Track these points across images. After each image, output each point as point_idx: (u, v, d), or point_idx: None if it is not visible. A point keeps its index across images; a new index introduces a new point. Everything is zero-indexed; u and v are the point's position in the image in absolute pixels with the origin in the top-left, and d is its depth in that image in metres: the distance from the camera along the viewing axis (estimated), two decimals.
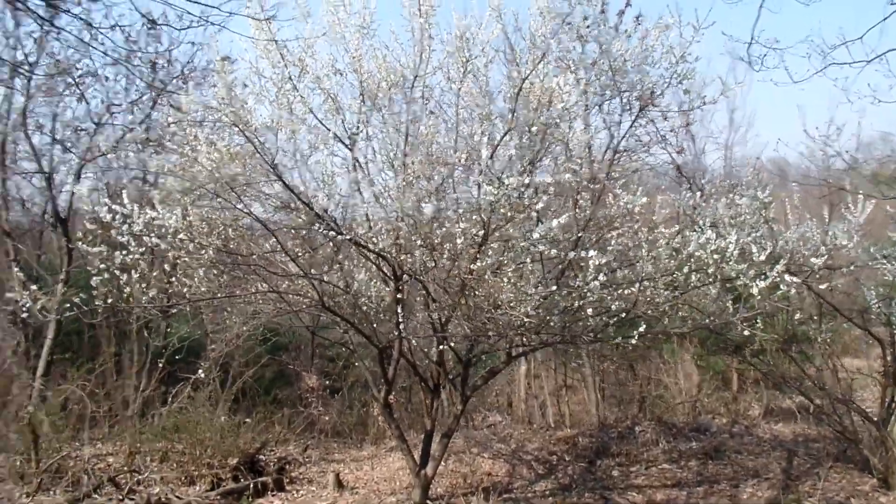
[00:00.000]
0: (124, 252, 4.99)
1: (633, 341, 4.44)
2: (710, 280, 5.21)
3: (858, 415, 7.43)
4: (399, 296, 5.34)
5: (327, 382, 11.00)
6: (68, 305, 4.98)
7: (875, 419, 7.16)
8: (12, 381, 7.35)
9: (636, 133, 6.71)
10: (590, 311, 4.57)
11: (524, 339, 5.32)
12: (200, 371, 6.82)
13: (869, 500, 6.53)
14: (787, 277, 4.52)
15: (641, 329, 4.46)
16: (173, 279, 5.64)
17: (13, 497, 6.38)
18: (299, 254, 5.62)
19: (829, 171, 7.93)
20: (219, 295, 5.75)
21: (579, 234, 5.11)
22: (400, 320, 5.26)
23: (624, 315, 4.84)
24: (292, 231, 5.68)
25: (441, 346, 5.64)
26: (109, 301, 4.82)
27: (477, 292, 4.63)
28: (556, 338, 5.24)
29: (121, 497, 6.57)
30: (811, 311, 8.34)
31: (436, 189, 5.33)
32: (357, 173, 5.81)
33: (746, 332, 5.24)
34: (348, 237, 4.93)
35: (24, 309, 4.92)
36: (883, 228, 8.73)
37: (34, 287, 4.92)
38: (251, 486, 6.72)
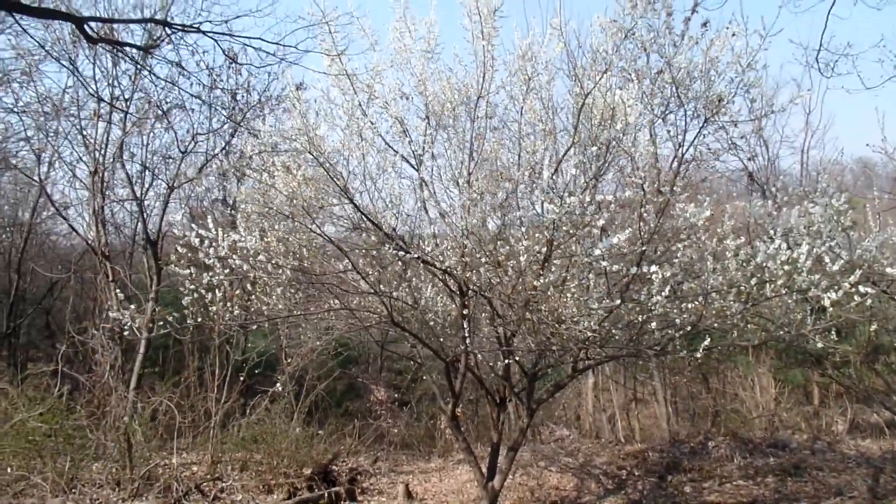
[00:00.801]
0: (210, 273, 5.37)
1: (698, 354, 4.41)
2: (782, 292, 5.11)
3: None
4: (465, 311, 5.50)
5: (395, 395, 11.28)
6: (162, 323, 5.40)
7: None
8: (110, 394, 7.93)
9: (705, 141, 6.64)
10: (654, 324, 4.58)
11: (588, 354, 5.35)
12: (277, 384, 7.17)
13: None
14: (861, 288, 4.38)
15: (707, 342, 4.43)
16: (253, 297, 6.01)
17: (110, 501, 6.87)
18: (369, 272, 5.87)
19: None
20: (295, 312, 6.07)
21: (643, 248, 5.12)
22: (466, 335, 5.41)
23: (690, 328, 4.81)
24: (363, 250, 5.94)
25: (507, 361, 5.74)
26: (199, 319, 5.20)
27: (541, 308, 4.72)
28: (621, 352, 5.26)
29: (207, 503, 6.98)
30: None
31: (500, 205, 5.47)
32: (423, 192, 6.01)
33: (820, 344, 5.08)
34: (416, 255, 5.13)
35: (123, 326, 5.37)
36: None
37: (132, 307, 5.36)
38: (325, 495, 7.00)
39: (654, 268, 4.19)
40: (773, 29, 5.71)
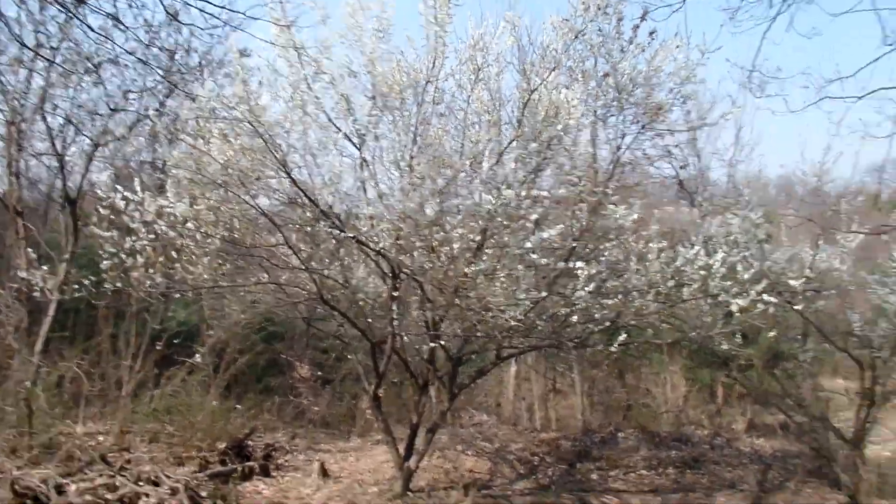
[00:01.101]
0: (133, 238, 5.16)
1: (613, 349, 4.64)
2: (698, 295, 5.42)
3: (834, 434, 7.65)
4: (395, 294, 5.53)
5: (319, 373, 11.18)
6: (76, 286, 5.15)
7: (849, 439, 7.37)
8: (12, 357, 7.49)
9: (642, 147, 6.89)
10: (575, 318, 4.77)
11: (512, 342, 5.51)
12: (197, 356, 6.99)
13: None
14: (765, 297, 4.71)
15: (622, 338, 4.66)
16: (177, 265, 5.80)
17: (4, 469, 6.51)
18: (302, 248, 5.79)
19: (820, 195, 8.14)
20: (221, 283, 5.92)
21: (574, 245, 5.30)
22: (395, 317, 5.45)
23: (609, 324, 5.04)
24: (297, 226, 5.85)
25: (433, 345, 5.83)
26: (118, 284, 5.00)
27: (470, 295, 4.82)
28: (543, 342, 5.44)
29: (111, 474, 6.72)
30: (796, 330, 8.56)
31: (439, 192, 5.51)
32: (364, 172, 5.97)
33: (725, 347, 5.44)
34: (350, 235, 5.11)
35: (33, 287, 5.09)
36: (880, 253, 8.96)
37: (44, 267, 5.08)
38: (238, 469, 6.89)
39: (579, 263, 4.35)
40: (712, 46, 6.00)
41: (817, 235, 7.16)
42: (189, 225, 5.47)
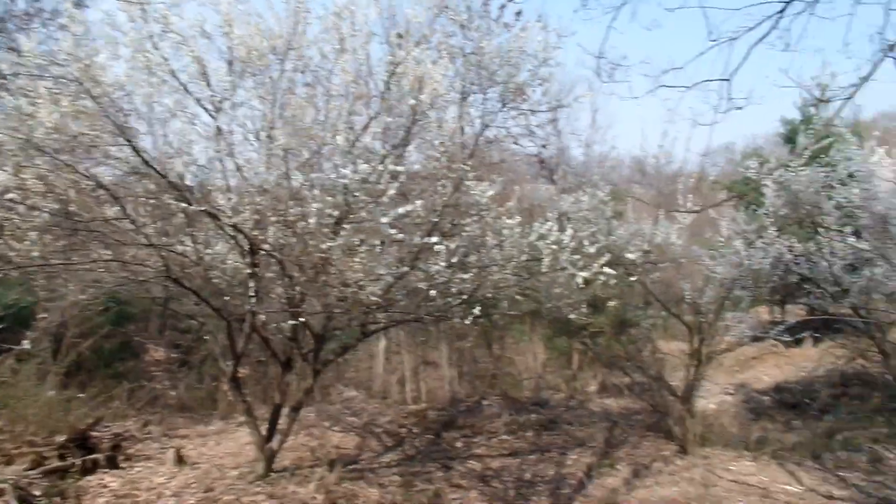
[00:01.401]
0: None
1: (468, 322, 4.81)
2: (550, 269, 5.74)
3: (668, 391, 8.52)
4: (254, 270, 5.32)
5: (177, 356, 10.56)
6: None
7: (680, 395, 8.26)
8: None
9: (506, 125, 7.11)
10: (433, 292, 4.87)
11: (374, 318, 5.53)
12: (26, 342, 6.30)
13: (668, 462, 7.55)
14: (606, 270, 5.10)
15: (478, 310, 4.85)
16: (0, 241, 5.16)
17: None
18: (147, 222, 5.38)
19: (660, 176, 8.92)
20: (53, 261, 5.35)
21: (436, 220, 5.38)
22: (252, 294, 5.25)
23: (467, 297, 5.21)
24: (143, 198, 5.42)
25: (294, 322, 5.70)
26: None
27: (330, 271, 4.75)
28: (406, 317, 5.51)
29: None
30: (639, 300, 9.39)
31: (302, 165, 5.33)
32: (220, 142, 5.63)
33: (572, 316, 5.84)
34: (201, 208, 4.82)
35: None
36: (709, 228, 10.01)
37: None
38: (78, 463, 6.35)
39: (434, 238, 4.44)
40: (567, 31, 6.32)
41: (657, 212, 7.85)
42: (13, 196, 4.87)
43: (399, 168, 4.63)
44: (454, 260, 5.23)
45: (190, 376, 10.27)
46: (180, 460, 6.70)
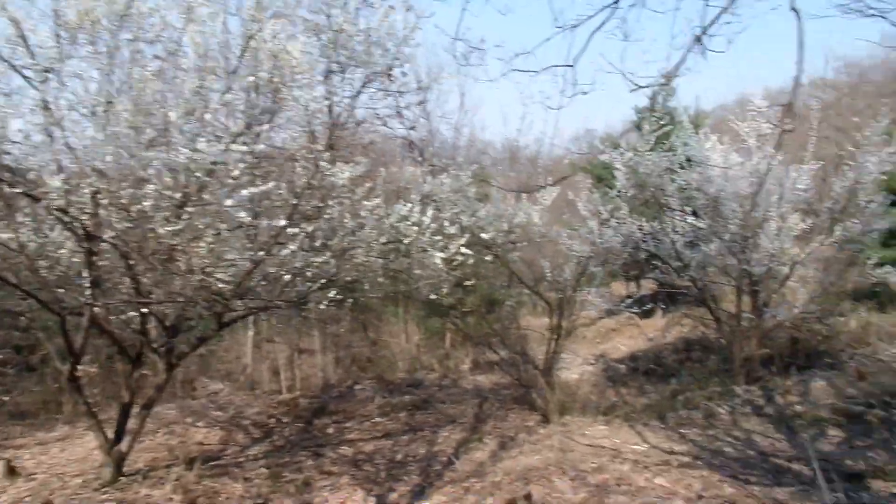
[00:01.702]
0: None
1: (323, 306, 4.72)
2: (414, 250, 5.76)
3: (532, 365, 8.93)
4: (90, 259, 4.85)
5: (16, 356, 9.46)
6: None
7: (542, 368, 8.68)
8: None
9: (375, 107, 7.00)
10: (287, 277, 4.72)
11: (229, 306, 5.26)
12: None
13: (532, 432, 7.92)
14: (463, 250, 5.21)
15: (333, 294, 4.76)
16: None
17: None
18: None
19: (519, 158, 9.24)
20: None
21: (294, 203, 5.19)
22: (89, 285, 4.80)
23: (326, 281, 5.10)
24: None
25: (139, 313, 5.28)
26: None
27: (175, 258, 4.43)
28: (263, 304, 5.30)
29: None
30: (503, 279, 9.73)
31: (148, 143, 4.90)
32: (47, 118, 5.04)
33: (434, 297, 5.92)
34: (19, 191, 4.31)
35: None
36: (569, 209, 10.56)
37: None
38: None
39: (283, 222, 4.28)
40: (427, 12, 6.33)
41: (518, 193, 8.14)
42: None
43: (253, 147, 4.38)
44: (317, 244, 5.09)
45: (29, 379, 9.26)
46: (12, 472, 6.04)
